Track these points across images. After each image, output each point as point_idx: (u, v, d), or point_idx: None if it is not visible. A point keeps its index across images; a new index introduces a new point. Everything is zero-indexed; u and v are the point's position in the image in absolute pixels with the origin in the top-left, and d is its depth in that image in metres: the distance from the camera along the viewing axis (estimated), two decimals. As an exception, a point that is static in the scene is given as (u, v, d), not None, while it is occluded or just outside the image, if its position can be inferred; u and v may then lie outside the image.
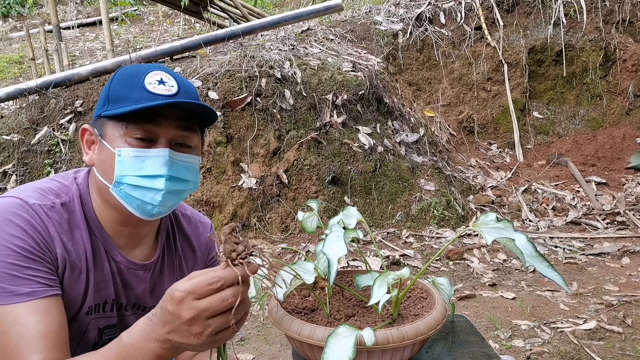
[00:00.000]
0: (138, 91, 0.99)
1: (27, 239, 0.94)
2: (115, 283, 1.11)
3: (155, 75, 1.01)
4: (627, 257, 3.55)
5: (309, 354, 1.07)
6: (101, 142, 1.01)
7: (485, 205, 4.27)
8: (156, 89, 0.99)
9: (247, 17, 5.57)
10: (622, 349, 2.49)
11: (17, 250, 0.92)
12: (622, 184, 4.73)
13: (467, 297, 3.06)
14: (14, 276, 0.91)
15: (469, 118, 5.44)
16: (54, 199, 1.02)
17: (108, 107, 1.00)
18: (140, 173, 1.00)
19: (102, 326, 1.11)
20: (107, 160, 1.01)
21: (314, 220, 1.25)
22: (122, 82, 1.01)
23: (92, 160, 1.04)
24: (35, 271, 0.93)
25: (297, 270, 1.09)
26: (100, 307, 1.10)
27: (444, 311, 1.11)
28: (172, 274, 1.21)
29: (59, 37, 4.91)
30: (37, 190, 1.02)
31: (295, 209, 3.79)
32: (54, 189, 1.04)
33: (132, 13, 9.23)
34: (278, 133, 3.97)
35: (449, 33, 5.67)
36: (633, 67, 5.52)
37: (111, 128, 1.00)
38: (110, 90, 1.01)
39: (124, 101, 0.98)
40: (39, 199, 1.00)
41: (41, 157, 3.81)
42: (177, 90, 1.02)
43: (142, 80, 1.00)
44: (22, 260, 0.92)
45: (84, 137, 1.06)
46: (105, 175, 1.02)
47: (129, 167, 0.99)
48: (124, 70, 1.03)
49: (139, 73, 1.01)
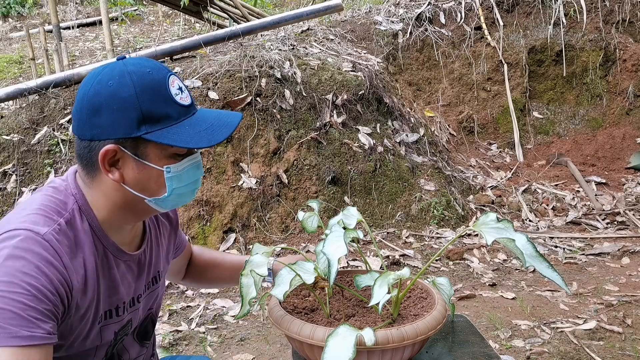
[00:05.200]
0: (172, 106, 1.00)
1: (40, 277, 0.91)
2: (126, 283, 1.12)
3: (174, 82, 1.01)
4: (627, 257, 3.55)
5: (309, 354, 1.07)
6: (139, 162, 0.99)
7: (485, 205, 4.27)
8: (183, 100, 1.02)
9: (247, 17, 5.57)
10: (622, 349, 2.49)
11: (27, 288, 0.89)
12: (622, 184, 4.73)
13: (467, 297, 3.07)
14: (16, 315, 0.87)
15: (469, 118, 5.44)
16: (58, 219, 0.99)
17: (147, 128, 0.97)
18: (188, 182, 1.05)
19: (117, 330, 1.12)
20: (150, 178, 1.01)
21: (314, 220, 1.25)
22: (152, 97, 0.98)
23: (121, 178, 1.01)
24: (39, 313, 0.90)
25: (297, 270, 1.09)
26: (113, 313, 1.10)
27: (444, 311, 1.11)
28: (157, 247, 1.24)
29: (59, 37, 4.91)
30: (41, 213, 0.98)
31: (295, 209, 3.79)
32: (53, 207, 1.00)
33: (132, 13, 9.23)
34: (278, 133, 3.97)
35: (449, 33, 5.67)
36: (633, 67, 5.52)
37: (154, 148, 1.00)
38: (143, 108, 0.97)
39: (166, 120, 0.99)
40: (46, 223, 0.96)
41: (41, 157, 3.81)
42: (189, 94, 1.06)
43: (169, 91, 1.00)
44: (29, 299, 0.89)
45: (107, 159, 0.99)
46: (144, 191, 1.02)
47: (178, 180, 1.03)
48: (141, 81, 0.98)
49: (159, 83, 0.99)
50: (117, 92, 0.97)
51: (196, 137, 0.99)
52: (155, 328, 1.33)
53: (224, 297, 3.13)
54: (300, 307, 1.19)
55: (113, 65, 1.01)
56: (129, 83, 0.97)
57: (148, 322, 1.27)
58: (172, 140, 0.97)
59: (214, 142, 1.00)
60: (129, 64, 1.00)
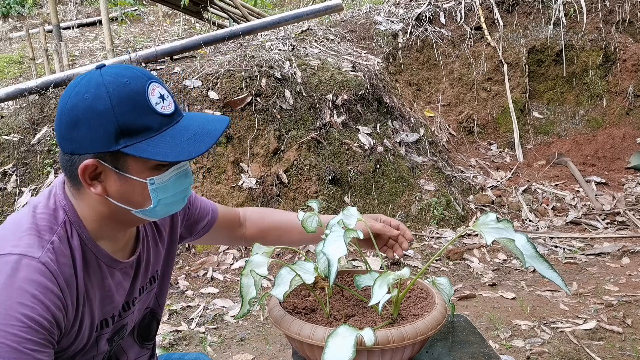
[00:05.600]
0: (152, 117, 0.96)
1: (36, 307, 0.90)
2: (122, 290, 1.11)
3: (154, 91, 0.97)
4: (627, 257, 3.55)
5: (309, 354, 1.07)
6: (121, 175, 0.97)
7: (485, 205, 4.27)
8: (164, 109, 0.98)
9: (247, 17, 5.57)
10: (622, 349, 2.49)
11: (24, 320, 0.88)
12: (622, 184, 4.72)
13: (467, 297, 3.07)
14: (13, 349, 0.87)
15: (469, 118, 5.44)
16: (51, 237, 0.97)
17: (126, 141, 0.94)
18: (175, 191, 1.02)
19: (109, 337, 1.12)
20: (133, 190, 0.99)
21: (314, 220, 1.25)
22: (129, 109, 0.94)
23: (104, 191, 0.99)
24: (36, 344, 0.89)
25: (297, 270, 1.10)
26: (110, 321, 1.10)
27: (444, 311, 1.11)
28: (155, 247, 1.22)
29: (59, 37, 4.91)
30: (33, 233, 0.96)
31: (295, 208, 3.79)
32: (44, 224, 0.99)
33: (132, 13, 9.22)
34: (278, 133, 3.97)
35: (449, 33, 5.67)
36: (633, 67, 5.52)
37: (134, 161, 0.97)
38: (120, 121, 0.94)
39: (146, 132, 0.95)
40: (40, 245, 0.95)
41: (41, 157, 3.81)
42: (172, 100, 1.01)
43: (148, 101, 0.96)
44: (26, 332, 0.88)
45: (87, 173, 0.97)
46: (129, 203, 1.00)
47: (164, 191, 1.01)
48: (117, 92, 0.94)
49: (137, 93, 0.95)
50: (93, 106, 0.93)
51: (177, 148, 0.95)
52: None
53: (224, 297, 3.13)
54: (300, 307, 1.19)
55: (90, 76, 0.97)
56: (104, 96, 0.93)
57: (150, 322, 1.26)
58: (151, 153, 0.94)
59: (194, 155, 0.95)
60: (106, 74, 0.96)
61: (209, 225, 1.38)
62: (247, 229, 1.45)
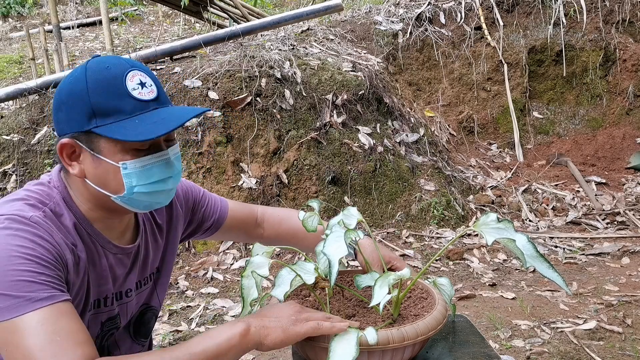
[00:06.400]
0: (126, 100, 0.98)
1: (36, 248, 0.92)
2: (114, 275, 1.12)
3: (134, 77, 0.99)
4: (627, 257, 3.55)
5: (309, 354, 1.07)
6: (95, 157, 0.99)
7: (485, 205, 4.27)
8: (142, 95, 0.99)
9: (247, 17, 5.57)
10: (622, 349, 2.49)
11: (29, 258, 0.91)
12: (622, 184, 4.73)
13: (467, 297, 3.07)
14: (31, 282, 0.89)
15: (469, 118, 5.44)
16: (43, 207, 1.00)
17: (98, 121, 0.97)
18: (150, 180, 1.02)
19: (103, 320, 1.13)
20: (107, 174, 1.00)
21: (315, 220, 1.25)
22: (103, 91, 0.97)
23: (82, 172, 1.02)
24: (49, 277, 0.92)
25: (298, 270, 1.09)
26: (102, 303, 1.11)
27: (444, 311, 1.11)
28: (154, 243, 1.23)
29: (59, 37, 4.91)
30: (26, 202, 0.99)
31: (295, 208, 3.78)
32: (36, 197, 1.01)
33: (132, 13, 9.22)
34: (278, 133, 3.97)
35: (449, 33, 5.67)
36: (633, 67, 5.52)
37: (106, 143, 0.98)
38: (92, 102, 0.97)
39: (117, 114, 0.97)
40: (32, 210, 0.98)
41: (41, 157, 3.81)
42: (156, 89, 1.02)
43: (124, 85, 0.98)
44: (35, 267, 0.90)
45: (65, 152, 1.01)
46: (105, 187, 1.02)
47: (137, 178, 1.00)
48: (95, 75, 0.98)
49: (115, 78, 0.98)
50: (71, 88, 0.99)
51: (139, 129, 0.96)
52: (154, 329, 1.32)
53: (224, 297, 3.13)
54: (300, 307, 1.19)
55: (81, 65, 1.03)
56: (82, 78, 0.98)
57: (147, 319, 1.26)
58: (116, 133, 0.96)
59: (153, 135, 0.95)
60: (92, 61, 1.02)
61: (217, 225, 1.38)
62: (265, 230, 1.45)
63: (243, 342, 0.95)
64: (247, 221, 1.43)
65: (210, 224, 1.37)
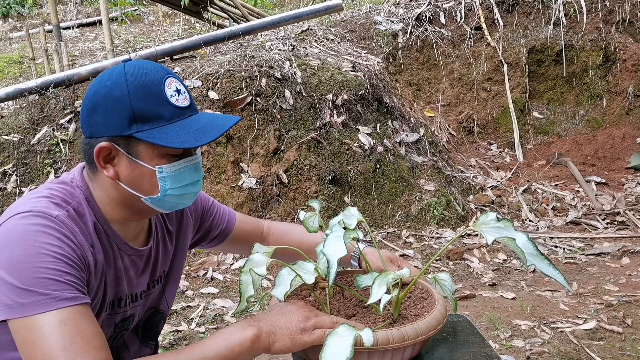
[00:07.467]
0: (165, 107, 1.01)
1: (63, 246, 0.94)
2: (128, 277, 1.13)
3: (171, 84, 1.03)
4: (627, 257, 3.55)
5: (309, 353, 1.07)
6: (132, 160, 1.02)
7: (485, 205, 4.27)
8: (179, 102, 1.03)
9: (247, 17, 5.57)
10: (622, 349, 2.49)
11: (57, 257, 0.92)
12: (622, 184, 4.72)
13: (467, 297, 3.06)
14: (56, 281, 0.90)
15: (469, 118, 5.44)
16: (67, 206, 1.02)
17: (139, 127, 0.99)
18: (182, 184, 1.05)
19: (117, 321, 1.14)
20: (143, 177, 1.03)
21: (315, 220, 1.25)
22: (143, 97, 1.00)
23: (116, 175, 1.04)
24: (74, 277, 0.94)
25: (298, 270, 1.09)
26: (116, 304, 1.12)
27: (445, 311, 1.11)
28: (164, 247, 1.24)
29: (59, 37, 4.91)
30: (50, 200, 1.01)
31: (295, 209, 3.79)
32: (60, 196, 1.03)
33: (132, 13, 9.22)
34: (278, 133, 3.97)
35: (449, 33, 5.67)
36: (633, 67, 5.52)
37: (144, 148, 1.01)
38: (134, 107, 0.99)
39: (157, 120, 1.00)
40: (57, 208, 0.99)
41: (41, 157, 3.81)
42: (188, 96, 1.06)
43: (163, 92, 1.01)
44: (62, 266, 0.92)
45: (101, 155, 1.02)
46: (138, 189, 1.04)
47: (172, 181, 1.04)
48: (135, 81, 1.01)
49: (154, 84, 1.01)
50: (111, 92, 1.00)
51: (184, 137, 1.00)
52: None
53: (224, 297, 3.13)
54: (300, 307, 1.19)
55: (116, 67, 1.04)
56: (123, 83, 1.00)
57: (155, 321, 1.27)
58: (159, 139, 0.99)
59: (199, 143, 0.99)
60: (129, 65, 1.03)
61: (224, 235, 1.40)
62: (269, 243, 1.46)
63: (253, 347, 0.98)
64: (253, 234, 1.45)
65: (217, 234, 1.39)
